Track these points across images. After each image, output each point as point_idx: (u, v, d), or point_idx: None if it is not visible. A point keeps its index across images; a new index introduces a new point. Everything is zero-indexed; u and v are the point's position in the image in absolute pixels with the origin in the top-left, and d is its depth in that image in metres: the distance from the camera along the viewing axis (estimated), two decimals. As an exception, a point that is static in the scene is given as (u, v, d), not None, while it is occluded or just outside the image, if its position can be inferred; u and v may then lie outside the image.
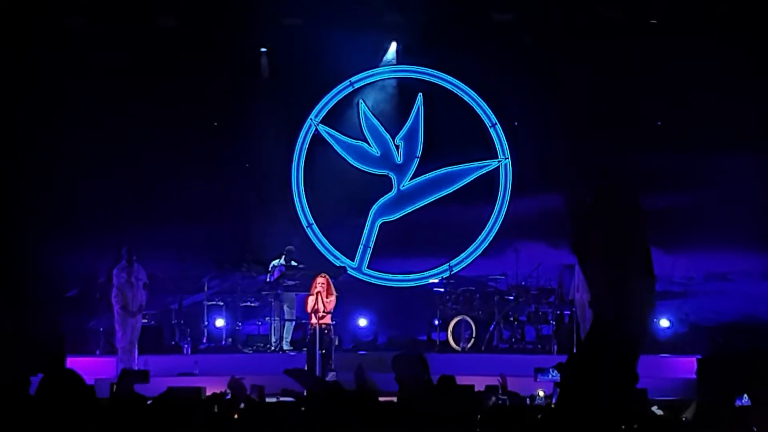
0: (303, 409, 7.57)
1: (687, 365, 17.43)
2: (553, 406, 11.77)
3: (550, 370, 14.92)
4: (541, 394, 14.55)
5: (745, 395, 9.15)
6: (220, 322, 21.18)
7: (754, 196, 21.42)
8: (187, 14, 21.64)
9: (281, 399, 12.24)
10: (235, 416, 8.31)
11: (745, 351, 16.81)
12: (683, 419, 9.19)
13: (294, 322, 20.71)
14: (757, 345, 18.94)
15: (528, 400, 13.75)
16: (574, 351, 19.70)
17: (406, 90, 23.04)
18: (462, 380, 10.68)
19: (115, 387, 15.35)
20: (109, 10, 21.08)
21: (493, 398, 13.38)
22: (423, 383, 8.44)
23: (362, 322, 21.63)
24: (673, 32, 20.87)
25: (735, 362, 9.38)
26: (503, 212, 22.58)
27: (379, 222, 22.87)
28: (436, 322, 20.77)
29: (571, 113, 21.77)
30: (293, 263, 20.90)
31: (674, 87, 21.08)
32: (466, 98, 22.74)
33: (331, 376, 17.66)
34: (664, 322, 20.84)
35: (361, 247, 22.85)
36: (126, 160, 21.90)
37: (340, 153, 22.96)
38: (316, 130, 22.98)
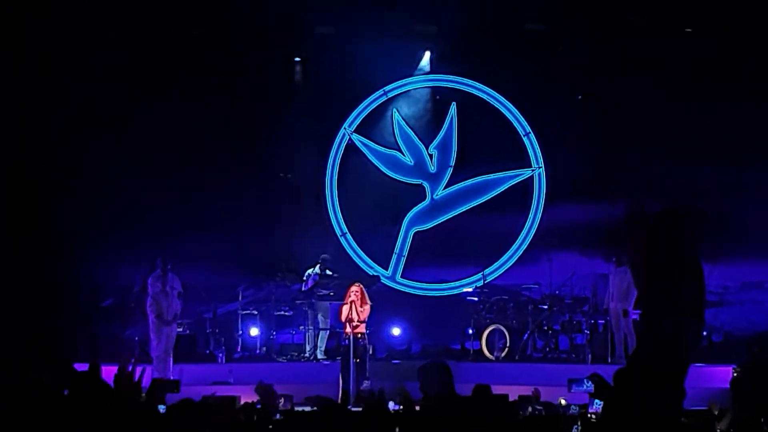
0: (334, 418, 7.59)
1: (722, 375, 17.36)
2: (589, 415, 11.74)
3: (585, 380, 14.86)
4: (563, 402, 14.51)
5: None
6: (254, 331, 21.22)
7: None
8: (219, 24, 21.72)
9: (313, 408, 12.27)
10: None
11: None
12: (718, 429, 9.16)
13: (328, 331, 20.70)
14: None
15: (562, 410, 13.73)
16: (620, 363, 19.61)
17: (439, 99, 23.03)
18: (496, 390, 10.69)
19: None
20: (142, 18, 21.16)
21: (529, 408, 13.38)
22: (447, 392, 8.45)
23: (396, 331, 21.61)
24: (706, 43, 20.79)
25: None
26: (537, 221, 22.52)
27: (412, 231, 22.86)
28: (470, 331, 20.74)
29: (605, 122, 21.75)
30: (327, 272, 20.91)
31: (709, 99, 20.98)
32: (499, 107, 22.71)
33: (366, 385, 17.66)
34: (699, 332, 20.72)
35: (394, 256, 22.85)
36: (160, 171, 21.96)
37: (374, 162, 22.97)
38: (350, 139, 23.00)
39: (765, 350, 19.85)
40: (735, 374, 15.34)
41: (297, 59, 22.84)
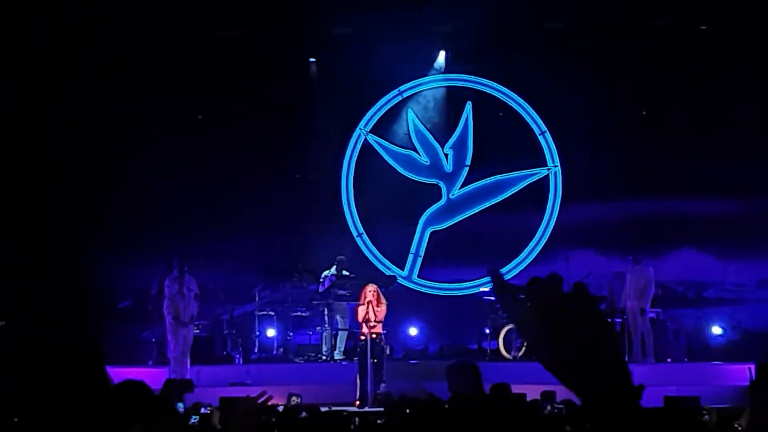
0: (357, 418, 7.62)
1: (740, 372, 17.33)
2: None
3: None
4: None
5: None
6: (271, 332, 21.24)
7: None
8: (236, 24, 21.75)
9: (333, 408, 12.26)
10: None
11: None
12: (737, 426, 9.14)
13: (347, 332, 20.69)
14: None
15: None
16: (637, 361, 19.59)
17: (455, 98, 23.02)
18: (514, 389, 10.70)
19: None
20: (166, 20, 21.20)
21: (548, 407, 13.38)
22: (475, 392, 8.45)
23: (413, 331, 21.61)
24: (722, 41, 20.76)
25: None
26: (553, 220, 22.50)
27: (428, 231, 22.86)
28: (487, 331, 20.73)
29: (622, 121, 21.74)
30: (344, 273, 20.92)
31: (722, 97, 20.94)
32: (515, 106, 22.69)
33: (382, 389, 17.64)
34: (717, 330, 20.72)
35: (411, 256, 22.85)
36: (177, 173, 22.01)
37: (390, 162, 22.97)
38: (366, 139, 23.01)
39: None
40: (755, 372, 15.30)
41: (312, 60, 22.86)
